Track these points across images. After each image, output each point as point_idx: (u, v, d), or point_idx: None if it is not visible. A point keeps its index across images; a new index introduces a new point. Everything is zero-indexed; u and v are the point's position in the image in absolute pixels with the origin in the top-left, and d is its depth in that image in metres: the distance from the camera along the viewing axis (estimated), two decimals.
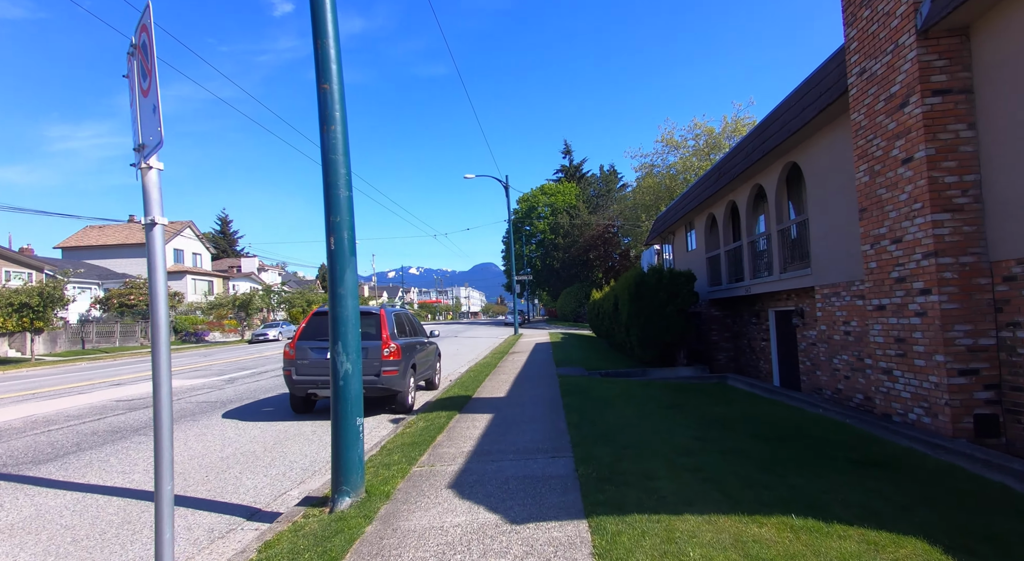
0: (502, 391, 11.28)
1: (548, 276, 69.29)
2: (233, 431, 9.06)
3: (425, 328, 13.84)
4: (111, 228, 63.64)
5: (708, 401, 9.54)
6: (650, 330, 14.67)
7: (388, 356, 9.66)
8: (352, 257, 5.20)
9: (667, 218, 21.61)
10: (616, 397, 9.62)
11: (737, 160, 13.22)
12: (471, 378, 13.74)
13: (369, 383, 9.52)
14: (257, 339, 45.09)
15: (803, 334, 12.01)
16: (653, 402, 9.18)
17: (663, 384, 12.08)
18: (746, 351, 15.81)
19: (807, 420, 7.62)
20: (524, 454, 6.30)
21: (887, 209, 7.20)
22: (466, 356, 21.85)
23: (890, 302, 7.24)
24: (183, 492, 5.96)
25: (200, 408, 11.34)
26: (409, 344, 10.56)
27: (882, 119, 7.20)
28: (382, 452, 6.89)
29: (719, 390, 11.25)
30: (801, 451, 5.83)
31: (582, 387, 11.04)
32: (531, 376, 13.59)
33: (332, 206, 5.11)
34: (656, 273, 14.84)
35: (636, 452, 5.91)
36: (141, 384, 15.86)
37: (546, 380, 12.66)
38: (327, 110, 5.12)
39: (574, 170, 76.66)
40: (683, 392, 10.69)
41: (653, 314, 14.67)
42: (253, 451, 7.76)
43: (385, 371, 9.60)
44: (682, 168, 45.03)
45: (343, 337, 5.06)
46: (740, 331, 16.17)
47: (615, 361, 17.54)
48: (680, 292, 14.63)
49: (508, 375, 14.06)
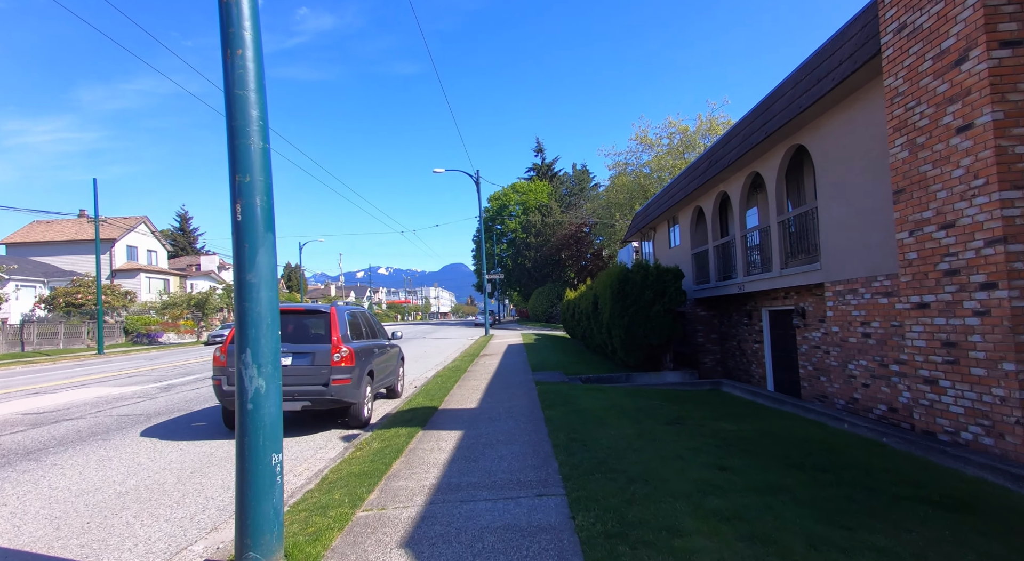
0: (473, 401, 9.89)
1: (519, 276, 67.97)
2: (147, 454, 7.48)
3: (387, 329, 12.39)
4: (59, 223, 60.16)
5: (710, 413, 8.32)
6: (635, 332, 13.46)
7: (339, 362, 8.19)
8: (268, 233, 3.77)
9: (648, 213, 20.49)
10: (606, 410, 8.32)
11: (732, 146, 12.08)
12: (438, 385, 12.33)
13: (316, 394, 8.04)
14: (214, 340, 42.68)
15: (804, 336, 10.92)
16: (649, 416, 7.91)
17: (653, 392, 10.85)
18: (735, 354, 14.73)
19: (836, 439, 6.43)
20: (502, 489, 4.94)
21: (933, 188, 6.04)
22: (434, 359, 20.38)
23: (936, 299, 6.09)
24: (45, 549, 4.44)
25: (120, 423, 9.68)
26: (365, 348, 9.10)
27: (929, 81, 6.05)
28: (321, 487, 5.45)
29: (716, 399, 10.07)
30: (854, 487, 4.60)
31: (564, 396, 9.73)
32: (505, 383, 12.24)
33: (239, 161, 3.67)
34: (642, 270, 13.64)
35: (647, 489, 4.59)
36: (65, 393, 13.99)
37: (522, 387, 11.32)
38: (232, 27, 3.68)
39: (546, 168, 75.53)
40: (678, 402, 9.47)
41: (638, 314, 13.46)
42: (163, 483, 6.23)
43: (335, 380, 8.13)
44: (656, 167, 44.28)
45: (253, 343, 3.63)
46: (729, 332, 15.09)
47: (595, 365, 16.31)
48: (668, 290, 13.46)
49: (479, 381, 12.68)
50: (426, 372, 16.19)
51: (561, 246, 59.60)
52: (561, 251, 60.12)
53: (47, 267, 51.24)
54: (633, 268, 13.77)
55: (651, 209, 20.06)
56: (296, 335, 8.48)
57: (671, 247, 18.68)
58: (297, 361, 8.15)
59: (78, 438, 8.55)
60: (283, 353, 8.21)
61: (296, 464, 6.90)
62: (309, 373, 8.10)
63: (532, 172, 75.97)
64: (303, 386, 8.07)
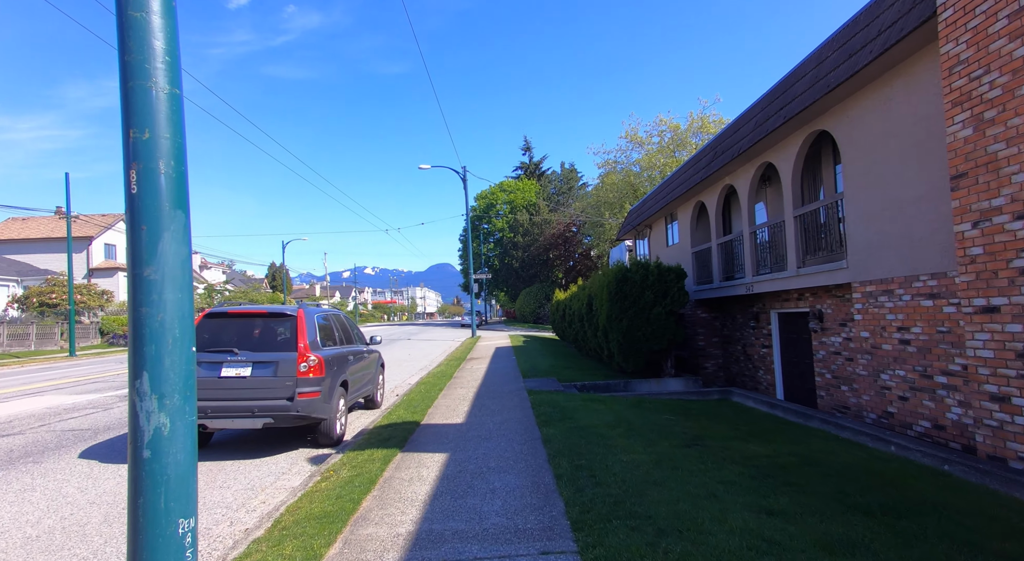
0: (459, 414, 8.86)
1: (507, 276, 66.92)
2: (79, 482, 6.37)
3: (366, 332, 11.33)
4: (35, 220, 58.18)
5: (730, 430, 7.36)
6: (634, 335, 12.49)
7: (307, 373, 7.12)
8: (178, 212, 2.69)
9: (643, 210, 19.57)
10: (611, 427, 7.32)
11: (742, 134, 11.16)
12: (421, 394, 11.28)
13: (279, 409, 6.97)
14: None
15: (822, 341, 10.02)
16: (663, 434, 6.92)
17: (658, 403, 9.88)
18: (740, 359, 13.83)
19: (889, 467, 5.49)
20: (496, 541, 3.92)
21: (1007, 171, 5.11)
22: (418, 362, 19.29)
23: (1009, 302, 5.16)
24: None
25: (61, 440, 8.52)
26: (338, 356, 8.03)
27: (1002, 44, 5.11)
28: (272, 535, 4.39)
29: (730, 411, 9.13)
30: (945, 540, 3.63)
31: (561, 408, 8.72)
32: (495, 391, 11.21)
33: (135, 110, 2.60)
34: (641, 269, 12.67)
35: (683, 546, 3.58)
36: (15, 402, 12.69)
37: (514, 397, 10.30)
38: None
39: (534, 167, 74.57)
40: (690, 416, 8.50)
41: (637, 317, 12.50)
42: (85, 524, 5.13)
43: (302, 393, 7.06)
44: (647, 165, 43.49)
45: (152, 365, 2.56)
46: (733, 336, 14.18)
47: (589, 370, 15.32)
48: (670, 291, 12.51)
49: (467, 389, 11.64)
50: (410, 377, 15.12)
51: (549, 246, 58.67)
52: (549, 251, 59.19)
53: (21, 265, 49.41)
54: (632, 267, 12.81)
55: (647, 206, 19.13)
56: (258, 341, 7.40)
57: (669, 245, 17.75)
58: (258, 371, 7.06)
59: (7, 460, 7.39)
60: (241, 362, 7.10)
61: (251, 496, 5.83)
62: (271, 385, 7.03)
63: (520, 171, 75.01)
64: (264, 401, 6.99)
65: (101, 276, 54.42)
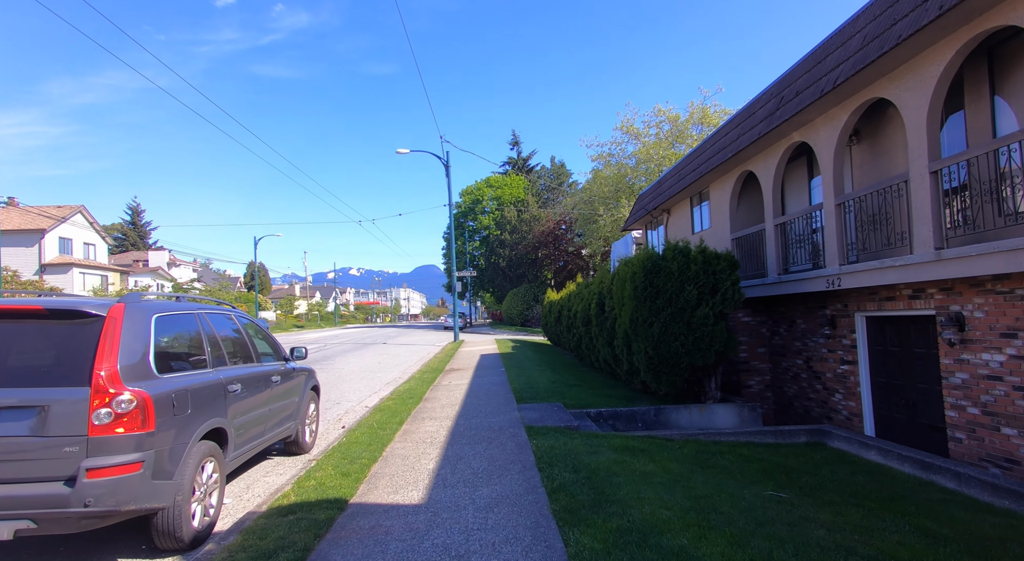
0: (419, 481, 5.41)
1: (493, 276, 63.30)
2: None
3: (288, 343, 7.87)
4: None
5: (911, 531, 4.00)
6: (670, 346, 9.12)
7: (111, 426, 3.66)
8: None
9: (660, 192, 16.25)
10: (690, 527, 3.91)
11: (830, 64, 7.85)
12: (374, 429, 7.83)
13: (47, 502, 3.51)
14: None
15: (962, 358, 6.75)
16: (798, 548, 3.53)
17: (731, 454, 6.50)
18: (798, 376, 10.53)
19: None
20: None
21: None
22: (387, 374, 15.75)
23: None
24: None
25: None
26: (201, 389, 4.54)
27: None
28: None
29: (853, 473, 5.79)
30: None
31: (587, 471, 5.32)
32: (478, 429, 7.79)
33: None
34: (680, 255, 9.31)
35: None
36: None
37: (507, 442, 6.88)
38: None
39: (522, 162, 71.14)
40: (805, 489, 5.13)
41: (675, 321, 9.13)
42: None
43: (99, 468, 3.60)
44: (645, 157, 40.22)
45: None
46: (788, 346, 10.88)
47: (600, 389, 11.93)
48: (720, 286, 9.17)
49: (438, 422, 8.21)
50: (370, 396, 11.63)
51: (538, 244, 55.23)
52: (538, 249, 55.76)
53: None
54: (667, 253, 9.43)
55: (665, 187, 15.82)
56: (15, 366, 3.91)
57: (696, 232, 14.41)
58: (4, 426, 3.60)
59: None
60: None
61: None
62: (33, 453, 3.57)
63: (507, 166, 71.59)
64: (16, 485, 3.54)
65: (54, 272, 50.15)
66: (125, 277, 59.41)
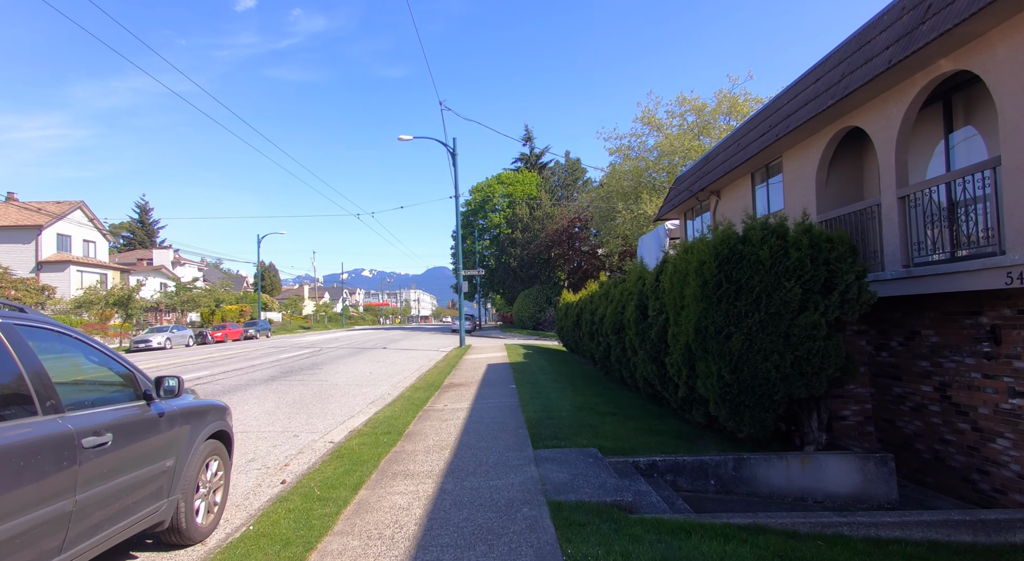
0: None
1: (503, 276, 60.33)
2: None
3: (149, 373, 5.14)
4: None
5: None
6: (759, 367, 6.21)
7: None
8: None
9: (706, 171, 13.30)
10: None
11: None
12: (307, 508, 5.02)
13: None
14: (137, 347, 34.63)
15: None
16: None
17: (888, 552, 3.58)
18: (923, 408, 7.56)
19: None
20: None
21: None
22: (375, 389, 12.89)
23: None
24: None
25: None
26: None
27: None
28: None
29: None
30: None
31: None
32: (473, 499, 4.94)
33: None
34: (773, 236, 6.40)
35: None
36: None
37: (517, 538, 4.03)
38: None
39: (535, 159, 68.16)
40: None
41: (763, 331, 6.22)
42: None
43: None
44: (668, 149, 37.11)
45: None
46: (903, 365, 7.92)
47: (639, 417, 8.99)
48: (837, 281, 6.26)
49: (414, 487, 5.37)
50: (338, 426, 8.80)
51: (551, 243, 52.23)
52: (551, 249, 52.77)
53: None
54: (752, 233, 6.54)
55: (714, 163, 12.87)
56: None
57: (760, 216, 11.46)
58: None
59: None
60: None
61: None
62: None
63: (519, 163, 68.72)
64: None
65: (51, 269, 48.09)
66: (126, 275, 57.16)
